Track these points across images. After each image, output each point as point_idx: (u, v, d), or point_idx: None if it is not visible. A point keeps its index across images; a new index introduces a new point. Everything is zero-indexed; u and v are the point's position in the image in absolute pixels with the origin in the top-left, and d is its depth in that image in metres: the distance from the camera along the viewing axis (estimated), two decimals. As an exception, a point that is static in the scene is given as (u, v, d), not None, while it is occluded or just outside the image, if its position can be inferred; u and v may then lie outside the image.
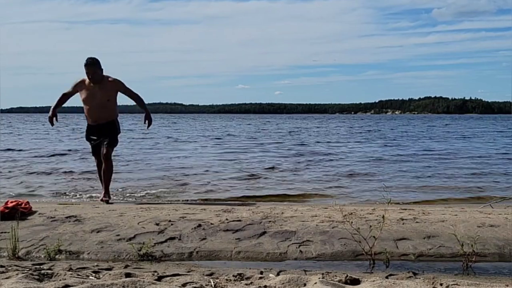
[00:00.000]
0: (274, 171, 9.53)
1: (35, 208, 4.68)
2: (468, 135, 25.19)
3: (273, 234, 3.78)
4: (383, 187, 6.67)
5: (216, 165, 10.43)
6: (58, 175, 8.77)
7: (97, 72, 5.46)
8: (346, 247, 3.53)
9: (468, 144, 18.04)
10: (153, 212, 4.57)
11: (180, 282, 2.53)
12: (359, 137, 23.31)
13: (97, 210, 4.76)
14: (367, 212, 4.51)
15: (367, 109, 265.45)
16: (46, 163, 10.81)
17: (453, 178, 8.53)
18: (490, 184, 7.84)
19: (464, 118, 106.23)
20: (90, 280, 2.55)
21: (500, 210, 4.91)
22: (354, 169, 9.84)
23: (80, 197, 6.48)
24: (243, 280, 2.63)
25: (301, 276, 2.58)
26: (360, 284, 2.55)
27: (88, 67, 5.46)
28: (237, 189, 7.30)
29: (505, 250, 3.49)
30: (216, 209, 4.74)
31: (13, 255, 3.40)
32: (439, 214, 4.39)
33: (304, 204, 5.92)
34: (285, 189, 7.30)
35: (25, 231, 3.85)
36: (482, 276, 3.06)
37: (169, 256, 3.48)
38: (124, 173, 8.85)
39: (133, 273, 2.70)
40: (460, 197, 6.68)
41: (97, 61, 5.45)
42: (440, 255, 3.44)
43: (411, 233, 3.75)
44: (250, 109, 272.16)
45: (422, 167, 10.18)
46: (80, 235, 3.81)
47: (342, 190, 7.24)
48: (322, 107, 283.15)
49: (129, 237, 3.73)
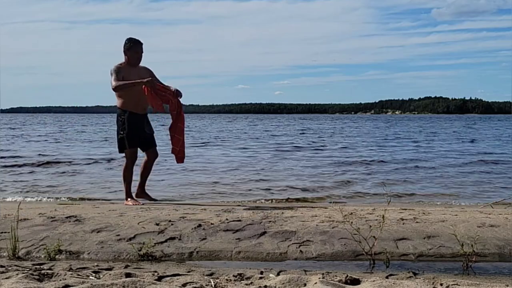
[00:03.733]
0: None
1: (35, 208, 4.68)
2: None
3: (273, 234, 3.78)
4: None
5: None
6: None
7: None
8: (346, 247, 3.53)
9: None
10: (153, 212, 4.57)
11: (180, 282, 2.53)
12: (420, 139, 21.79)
13: (97, 210, 4.76)
14: (367, 212, 4.51)
15: (367, 109, 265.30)
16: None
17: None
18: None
19: (474, 118, 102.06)
20: (90, 280, 2.55)
21: (500, 210, 4.92)
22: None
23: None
24: (243, 280, 2.63)
25: (301, 276, 2.58)
26: (360, 284, 2.55)
27: (141, 46, 5.30)
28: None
29: (505, 250, 3.49)
30: (216, 209, 4.74)
31: (13, 255, 3.40)
32: (439, 214, 4.39)
33: (306, 204, 5.92)
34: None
35: (25, 231, 3.85)
36: (482, 276, 3.06)
37: (169, 256, 3.48)
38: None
39: (133, 273, 2.70)
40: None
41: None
42: (440, 255, 3.44)
43: (411, 233, 3.75)
44: (250, 109, 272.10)
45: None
46: (80, 235, 3.81)
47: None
48: (322, 107, 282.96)
49: (129, 237, 3.73)
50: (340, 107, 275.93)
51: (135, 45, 5.26)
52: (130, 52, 5.25)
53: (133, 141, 5.26)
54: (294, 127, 40.42)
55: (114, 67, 5.19)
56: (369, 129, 36.35)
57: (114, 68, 5.18)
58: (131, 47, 5.25)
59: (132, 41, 5.27)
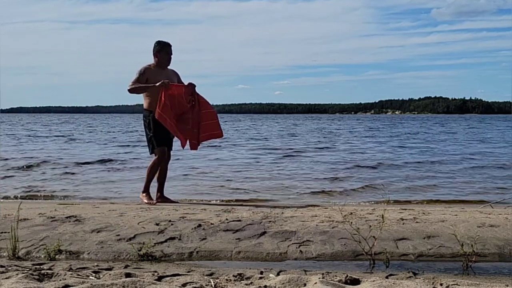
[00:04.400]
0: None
1: (35, 208, 4.68)
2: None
3: (273, 234, 3.78)
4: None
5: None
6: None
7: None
8: (346, 247, 3.54)
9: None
10: (153, 212, 4.57)
11: (180, 282, 2.53)
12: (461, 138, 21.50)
13: (97, 210, 4.76)
14: (367, 212, 4.51)
15: (367, 109, 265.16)
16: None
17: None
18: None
19: (477, 118, 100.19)
20: (90, 280, 2.55)
21: (500, 210, 4.92)
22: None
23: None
24: (243, 280, 2.63)
25: (301, 276, 2.58)
26: (360, 284, 2.55)
27: (170, 47, 5.36)
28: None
29: (505, 250, 3.49)
30: (216, 209, 4.75)
31: (13, 255, 3.40)
32: (439, 214, 4.39)
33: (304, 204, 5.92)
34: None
35: (25, 231, 3.85)
36: (482, 276, 3.06)
37: (169, 256, 3.48)
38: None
39: (133, 273, 2.70)
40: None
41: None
42: (440, 255, 3.44)
43: (411, 233, 3.75)
44: (250, 109, 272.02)
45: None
46: (80, 235, 3.81)
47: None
48: (322, 107, 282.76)
49: (129, 237, 3.73)
50: (340, 107, 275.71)
51: (165, 47, 5.35)
52: (161, 54, 5.34)
53: (160, 140, 5.37)
54: (306, 127, 39.61)
55: (141, 68, 5.30)
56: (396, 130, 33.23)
57: (139, 69, 5.30)
58: (161, 49, 5.33)
59: (162, 43, 5.35)
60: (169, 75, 5.38)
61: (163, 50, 5.34)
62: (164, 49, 5.34)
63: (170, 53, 5.38)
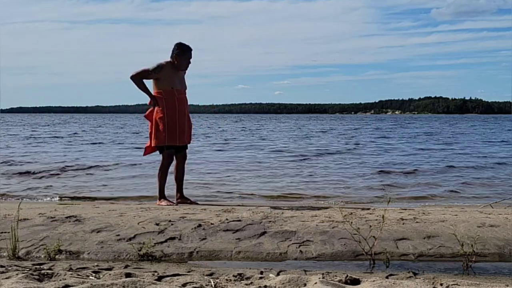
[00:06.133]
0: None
1: (35, 208, 4.68)
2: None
3: (273, 234, 3.78)
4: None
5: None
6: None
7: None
8: (346, 247, 3.53)
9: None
10: (153, 212, 4.57)
11: (180, 282, 2.53)
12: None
13: (97, 210, 4.76)
14: (367, 212, 4.51)
15: (367, 109, 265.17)
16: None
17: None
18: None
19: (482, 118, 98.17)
20: (90, 280, 2.55)
21: (500, 210, 4.92)
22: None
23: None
24: (243, 280, 2.63)
25: (301, 276, 2.58)
26: (360, 284, 2.55)
27: (191, 52, 5.27)
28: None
29: (505, 250, 3.49)
30: (216, 209, 4.74)
31: (13, 255, 3.40)
32: (439, 214, 4.39)
33: (302, 203, 5.92)
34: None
35: (25, 231, 3.85)
36: (482, 276, 3.06)
37: (169, 256, 3.48)
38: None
39: (133, 273, 2.70)
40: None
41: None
42: (440, 255, 3.44)
43: (411, 233, 3.75)
44: (250, 109, 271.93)
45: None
46: (80, 235, 3.81)
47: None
48: (322, 107, 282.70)
49: (129, 237, 3.73)
50: (340, 107, 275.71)
51: (187, 52, 5.23)
52: (181, 59, 5.21)
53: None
54: (315, 127, 38.35)
55: (159, 63, 5.16)
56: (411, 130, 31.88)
57: (157, 63, 5.15)
58: (182, 53, 5.20)
59: (184, 47, 5.21)
60: (182, 76, 5.32)
61: (185, 55, 5.21)
62: (185, 54, 5.21)
63: (190, 57, 5.27)
